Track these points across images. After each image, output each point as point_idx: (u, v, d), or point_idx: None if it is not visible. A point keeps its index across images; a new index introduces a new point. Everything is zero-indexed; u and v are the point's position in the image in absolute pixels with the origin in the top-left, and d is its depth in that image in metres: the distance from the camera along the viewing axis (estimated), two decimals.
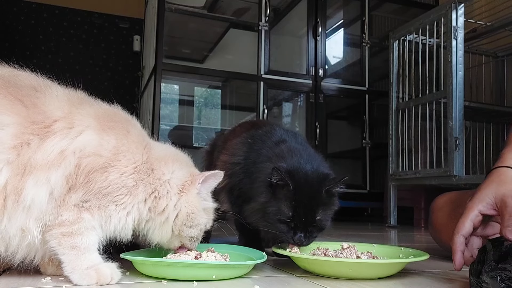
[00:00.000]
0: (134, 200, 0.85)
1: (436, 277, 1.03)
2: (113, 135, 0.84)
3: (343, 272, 0.95)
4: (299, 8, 3.62)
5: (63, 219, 0.79)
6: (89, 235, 0.81)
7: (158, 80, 3.11)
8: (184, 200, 0.89)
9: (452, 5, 2.47)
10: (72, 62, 4.62)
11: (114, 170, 0.82)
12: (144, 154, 0.87)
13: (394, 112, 2.89)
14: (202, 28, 3.83)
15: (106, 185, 0.81)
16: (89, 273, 0.80)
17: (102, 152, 0.82)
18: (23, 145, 0.77)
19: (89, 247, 0.82)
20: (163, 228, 0.89)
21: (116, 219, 0.84)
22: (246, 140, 1.28)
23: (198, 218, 0.91)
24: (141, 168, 0.86)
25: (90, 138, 0.82)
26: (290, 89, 3.51)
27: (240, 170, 1.22)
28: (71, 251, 0.80)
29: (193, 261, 0.90)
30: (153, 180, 0.87)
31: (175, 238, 0.91)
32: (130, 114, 0.95)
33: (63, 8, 4.64)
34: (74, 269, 0.80)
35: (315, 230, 1.05)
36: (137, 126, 0.93)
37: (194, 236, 0.92)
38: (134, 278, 0.90)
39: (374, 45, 3.74)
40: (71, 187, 0.80)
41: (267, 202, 1.07)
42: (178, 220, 0.89)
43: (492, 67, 3.26)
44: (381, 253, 1.13)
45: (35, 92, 0.82)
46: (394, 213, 2.84)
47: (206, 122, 4.17)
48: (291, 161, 1.10)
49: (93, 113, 0.85)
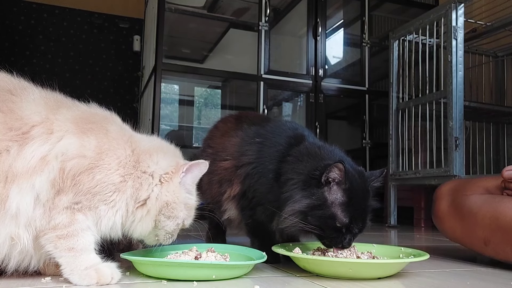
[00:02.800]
0: (123, 196, 0.84)
1: (436, 277, 1.03)
2: (93, 136, 0.84)
3: (343, 272, 0.95)
4: (299, 8, 3.61)
5: (56, 222, 0.79)
6: (85, 236, 0.81)
7: (158, 80, 3.11)
8: (165, 188, 0.88)
9: (452, 5, 2.47)
10: (72, 62, 4.62)
11: (100, 170, 0.82)
12: (126, 148, 0.86)
13: (394, 112, 2.89)
14: (202, 28, 3.83)
15: (94, 185, 0.81)
16: (89, 273, 0.80)
17: (85, 153, 0.81)
18: (2, 152, 0.76)
19: (86, 248, 0.81)
20: (144, 221, 0.87)
21: (106, 218, 0.83)
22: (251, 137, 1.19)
23: (177, 209, 0.88)
24: (125, 162, 0.85)
25: (70, 141, 0.81)
26: (290, 89, 3.51)
27: (255, 170, 1.13)
28: (69, 253, 0.80)
29: (194, 261, 0.91)
30: (140, 173, 0.86)
31: (153, 230, 0.89)
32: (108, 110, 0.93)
33: (63, 8, 4.63)
34: (73, 271, 0.80)
35: (359, 232, 1.01)
36: (116, 122, 0.92)
37: (169, 230, 0.89)
38: (134, 278, 0.90)
39: (374, 45, 3.74)
40: (59, 191, 0.79)
41: (316, 205, 0.97)
42: (156, 209, 0.87)
43: (492, 67, 3.26)
44: (381, 253, 1.13)
45: (11, 96, 0.81)
46: (394, 213, 2.84)
47: (206, 122, 4.17)
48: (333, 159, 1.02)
49: (70, 117, 0.84)
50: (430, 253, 1.05)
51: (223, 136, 1.32)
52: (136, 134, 0.95)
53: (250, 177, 1.14)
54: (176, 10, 3.30)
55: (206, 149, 1.35)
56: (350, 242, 0.99)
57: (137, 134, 0.95)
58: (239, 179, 1.17)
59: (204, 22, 3.76)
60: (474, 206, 1.21)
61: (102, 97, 4.56)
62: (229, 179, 1.20)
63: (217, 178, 1.23)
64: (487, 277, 1.06)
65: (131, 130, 0.95)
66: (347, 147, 3.69)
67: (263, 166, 1.12)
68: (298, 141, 1.12)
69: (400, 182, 2.85)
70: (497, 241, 1.14)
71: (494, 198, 1.21)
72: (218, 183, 1.23)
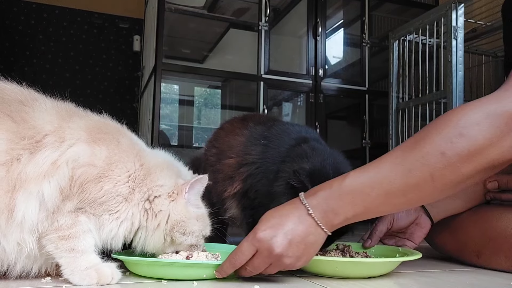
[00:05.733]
0: (129, 207, 0.85)
1: (436, 277, 1.03)
2: (104, 146, 0.84)
3: (329, 271, 0.96)
4: (299, 8, 3.61)
5: (59, 224, 0.79)
6: (86, 238, 0.81)
7: (158, 80, 3.11)
8: (173, 207, 0.89)
9: (452, 5, 2.47)
10: (72, 62, 4.61)
11: (109, 180, 0.82)
12: (136, 162, 0.87)
13: (394, 112, 2.88)
14: (202, 28, 3.83)
15: (101, 195, 0.81)
16: (89, 273, 0.80)
17: (95, 162, 0.82)
18: (13, 161, 0.76)
19: (86, 249, 0.82)
20: (155, 235, 0.88)
21: (109, 228, 0.84)
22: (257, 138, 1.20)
23: (190, 225, 0.90)
24: (135, 176, 0.86)
25: (82, 149, 0.81)
26: (290, 89, 3.51)
27: (258, 170, 1.14)
28: (69, 254, 0.80)
29: (185, 260, 0.91)
30: (147, 188, 0.87)
31: (168, 246, 0.91)
32: (119, 123, 0.94)
33: (63, 8, 4.63)
34: (73, 271, 0.80)
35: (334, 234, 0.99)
36: (127, 135, 0.93)
37: (193, 243, 0.92)
38: (134, 278, 0.90)
39: (374, 45, 3.74)
40: (65, 198, 0.80)
41: None
42: (168, 226, 0.88)
43: (492, 67, 3.26)
44: (379, 253, 1.14)
45: (23, 107, 0.82)
46: None
47: (206, 122, 4.17)
48: (313, 162, 1.03)
49: (83, 126, 0.85)
50: (429, 253, 1.06)
51: (229, 135, 1.32)
52: (145, 147, 0.95)
53: (253, 177, 1.15)
54: (176, 10, 3.30)
55: (211, 149, 1.35)
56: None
57: (146, 148, 0.96)
58: (240, 177, 1.17)
59: (204, 22, 3.76)
60: (463, 219, 1.21)
61: (102, 97, 4.56)
62: (231, 176, 1.20)
63: (222, 176, 1.24)
64: (487, 277, 1.06)
65: (141, 143, 0.96)
66: (347, 147, 3.70)
67: (265, 167, 1.13)
68: (299, 143, 1.13)
69: None
70: (488, 252, 1.13)
71: (481, 209, 1.20)
72: (222, 181, 1.24)
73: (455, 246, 1.23)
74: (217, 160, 1.29)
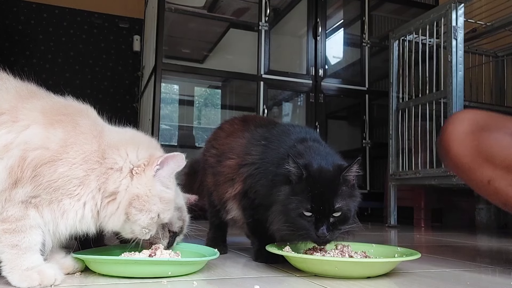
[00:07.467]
0: (88, 190, 0.82)
1: (436, 277, 1.03)
2: (60, 128, 0.82)
3: (329, 271, 0.96)
4: (299, 8, 3.61)
5: (8, 215, 0.77)
6: (32, 234, 0.78)
7: (158, 80, 3.11)
8: (136, 181, 0.86)
9: (452, 5, 2.47)
10: (72, 62, 4.61)
11: (63, 163, 0.80)
12: (93, 143, 0.85)
13: (394, 112, 2.89)
14: (202, 28, 3.83)
15: (56, 178, 0.79)
16: (31, 275, 0.77)
17: (49, 145, 0.79)
18: None
19: (31, 247, 0.78)
20: (115, 215, 0.85)
21: (73, 212, 0.81)
22: (257, 139, 1.20)
23: (150, 203, 0.86)
24: (90, 157, 0.83)
25: (35, 132, 0.79)
26: (290, 89, 3.51)
27: (257, 171, 1.14)
28: (11, 250, 0.77)
29: (150, 258, 0.91)
30: (105, 169, 0.84)
31: (126, 223, 0.87)
32: (83, 103, 0.92)
33: (63, 8, 4.63)
34: (13, 269, 0.77)
35: (338, 222, 0.98)
36: (90, 116, 0.90)
37: (144, 224, 0.87)
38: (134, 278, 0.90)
39: (374, 45, 3.74)
40: (17, 182, 0.77)
41: (287, 199, 1.00)
42: (126, 201, 0.85)
43: (492, 67, 3.26)
44: (378, 253, 1.14)
45: None
46: (394, 213, 2.84)
47: (206, 122, 4.17)
48: (307, 156, 1.05)
49: (39, 107, 0.83)
50: (429, 253, 1.06)
51: (229, 137, 1.31)
52: (109, 127, 0.93)
53: (252, 177, 1.15)
54: (176, 10, 3.30)
55: (210, 150, 1.35)
56: (324, 231, 0.96)
57: (110, 127, 0.93)
58: (241, 178, 1.17)
59: (204, 22, 3.76)
60: (494, 145, 1.13)
61: (102, 97, 4.55)
62: (232, 178, 1.21)
63: (223, 179, 1.23)
64: (487, 277, 1.06)
65: (106, 124, 0.93)
66: (347, 147, 3.70)
67: (265, 167, 1.13)
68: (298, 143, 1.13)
69: (400, 182, 2.85)
70: (506, 182, 1.08)
71: None
72: (223, 184, 1.24)
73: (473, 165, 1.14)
74: (217, 161, 1.29)
